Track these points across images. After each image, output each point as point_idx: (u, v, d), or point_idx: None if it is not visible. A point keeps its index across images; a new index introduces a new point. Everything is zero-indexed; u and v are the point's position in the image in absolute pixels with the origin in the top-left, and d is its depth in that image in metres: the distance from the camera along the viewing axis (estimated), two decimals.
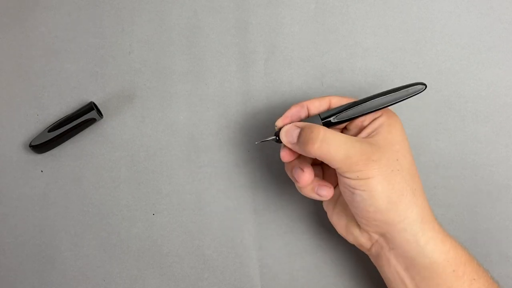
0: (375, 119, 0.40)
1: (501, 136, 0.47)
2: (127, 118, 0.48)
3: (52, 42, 0.49)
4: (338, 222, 0.42)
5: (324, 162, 0.37)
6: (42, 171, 0.48)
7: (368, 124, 0.40)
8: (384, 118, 0.39)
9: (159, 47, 0.49)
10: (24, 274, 0.47)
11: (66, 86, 0.49)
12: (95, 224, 0.47)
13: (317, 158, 0.37)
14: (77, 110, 0.47)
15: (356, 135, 0.40)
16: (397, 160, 0.37)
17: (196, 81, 0.49)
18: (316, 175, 0.41)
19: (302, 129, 0.38)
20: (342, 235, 0.42)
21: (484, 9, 0.49)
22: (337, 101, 0.41)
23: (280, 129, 0.40)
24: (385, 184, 0.36)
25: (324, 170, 0.43)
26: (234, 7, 0.49)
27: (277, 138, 0.40)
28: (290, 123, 0.40)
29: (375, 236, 0.39)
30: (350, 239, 0.41)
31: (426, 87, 0.39)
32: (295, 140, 0.39)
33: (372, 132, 0.39)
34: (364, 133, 0.39)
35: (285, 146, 0.40)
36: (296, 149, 0.39)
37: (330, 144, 0.36)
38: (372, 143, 0.37)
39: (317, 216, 0.47)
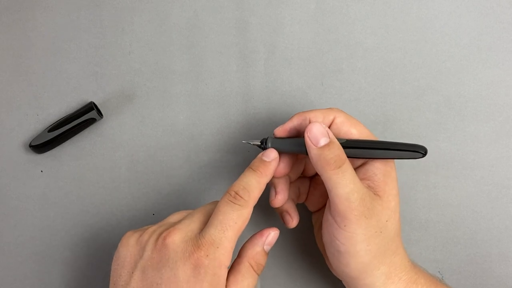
0: (368, 161, 0.38)
1: (501, 136, 0.47)
2: (127, 118, 0.48)
3: (52, 42, 0.49)
4: (319, 241, 0.43)
5: (325, 186, 0.36)
6: (42, 171, 0.48)
7: (361, 166, 0.38)
8: (379, 164, 0.37)
9: (159, 47, 0.49)
10: (24, 274, 0.47)
11: (66, 86, 0.49)
12: (95, 224, 0.47)
13: (322, 178, 0.36)
14: (77, 110, 0.47)
15: None
16: (387, 221, 0.36)
17: (196, 81, 0.49)
18: (302, 191, 0.42)
19: (331, 142, 0.36)
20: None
21: (484, 9, 0.49)
22: (342, 121, 0.38)
23: (266, 139, 0.39)
24: (364, 245, 0.35)
25: (311, 188, 0.43)
26: (234, 7, 0.49)
27: (262, 145, 0.39)
28: (317, 124, 0.37)
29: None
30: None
31: (424, 155, 0.36)
32: (321, 143, 0.36)
33: (365, 177, 0.37)
34: (359, 174, 0.38)
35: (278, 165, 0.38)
36: (312, 151, 0.36)
37: (344, 176, 0.35)
38: (373, 197, 0.36)
39: (308, 222, 0.47)
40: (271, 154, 0.38)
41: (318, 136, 0.36)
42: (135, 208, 0.47)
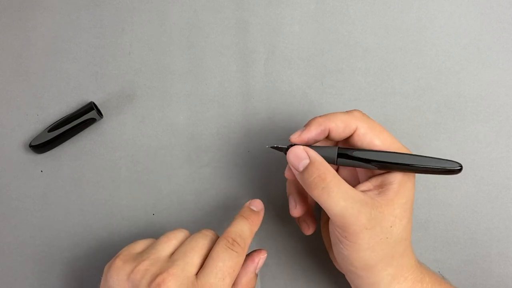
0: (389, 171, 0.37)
1: (501, 136, 0.47)
2: (127, 118, 0.48)
3: (52, 42, 0.49)
4: (325, 234, 0.43)
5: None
6: (42, 171, 0.48)
7: (380, 174, 0.37)
8: (399, 174, 0.36)
9: (159, 47, 0.49)
10: (24, 274, 0.47)
11: (66, 86, 0.49)
12: (95, 224, 0.47)
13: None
14: (77, 110, 0.47)
15: (362, 178, 0.39)
16: (391, 227, 0.35)
17: (196, 81, 0.49)
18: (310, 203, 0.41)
19: (311, 163, 0.36)
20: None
21: (484, 9, 0.49)
22: (365, 132, 0.37)
23: (293, 145, 0.38)
24: (368, 252, 0.35)
25: None
26: (234, 7, 0.49)
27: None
28: (303, 144, 0.37)
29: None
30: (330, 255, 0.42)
31: (461, 169, 0.35)
32: (300, 169, 0.36)
33: (381, 185, 0.36)
34: (372, 182, 0.37)
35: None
36: (297, 176, 0.37)
37: (330, 196, 0.35)
38: (373, 205, 0.35)
39: (317, 216, 0.47)
40: (259, 205, 0.39)
41: (295, 162, 0.36)
42: (135, 208, 0.47)
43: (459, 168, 0.35)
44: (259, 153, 0.48)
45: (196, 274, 0.35)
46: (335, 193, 0.35)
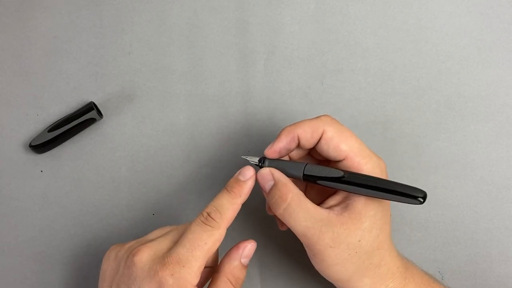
0: None
1: (501, 136, 0.47)
2: (127, 118, 0.48)
3: (52, 42, 0.49)
4: None
5: None
6: (42, 171, 0.48)
7: None
8: None
9: (159, 47, 0.49)
10: (24, 274, 0.47)
11: (66, 86, 0.49)
12: (95, 224, 0.47)
13: None
14: (77, 110, 0.47)
15: (332, 190, 0.38)
16: (359, 241, 0.35)
17: (196, 81, 0.49)
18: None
19: (275, 185, 0.37)
20: None
21: (484, 9, 0.49)
22: (332, 136, 0.37)
23: (264, 159, 0.39)
24: (338, 267, 0.36)
25: (308, 187, 0.42)
26: (234, 7, 0.49)
27: (260, 164, 0.39)
28: (262, 171, 0.38)
29: None
30: None
31: (423, 202, 0.34)
32: (266, 190, 0.38)
33: (348, 198, 0.36)
34: (340, 195, 0.37)
35: None
36: (266, 197, 0.38)
37: (291, 217, 0.36)
38: (337, 222, 0.35)
39: None
40: (247, 173, 0.38)
41: (263, 184, 0.38)
42: (135, 208, 0.47)
43: (420, 201, 0.34)
44: (259, 153, 0.48)
45: None
46: (296, 213, 0.36)
